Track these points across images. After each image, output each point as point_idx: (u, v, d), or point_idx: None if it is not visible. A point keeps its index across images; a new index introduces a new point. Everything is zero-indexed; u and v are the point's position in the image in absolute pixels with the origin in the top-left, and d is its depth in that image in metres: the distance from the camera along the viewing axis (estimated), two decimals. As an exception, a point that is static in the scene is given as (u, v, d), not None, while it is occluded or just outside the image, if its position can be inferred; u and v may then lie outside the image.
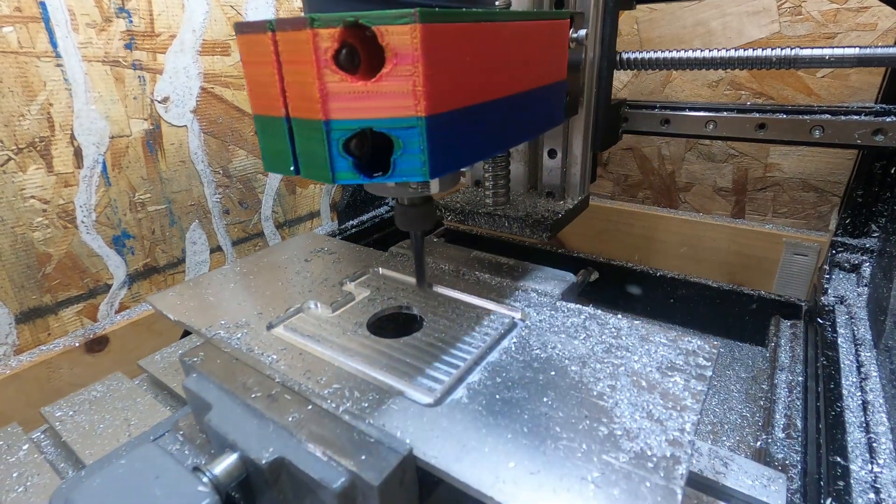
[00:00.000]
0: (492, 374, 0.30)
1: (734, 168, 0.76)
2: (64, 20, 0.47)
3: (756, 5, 0.67)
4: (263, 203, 0.70)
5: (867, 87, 0.64)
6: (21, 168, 0.47)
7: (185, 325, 0.37)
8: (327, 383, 0.29)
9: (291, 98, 0.25)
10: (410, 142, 0.24)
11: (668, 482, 0.22)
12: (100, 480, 0.24)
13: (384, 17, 0.22)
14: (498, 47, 0.28)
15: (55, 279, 0.51)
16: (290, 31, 0.23)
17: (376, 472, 0.23)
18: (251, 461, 0.25)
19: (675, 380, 0.29)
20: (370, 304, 0.38)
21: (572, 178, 0.50)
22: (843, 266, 0.57)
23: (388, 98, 0.23)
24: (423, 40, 0.22)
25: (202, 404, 0.29)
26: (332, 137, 0.24)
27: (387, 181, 0.25)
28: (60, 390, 0.50)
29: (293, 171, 0.26)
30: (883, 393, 0.38)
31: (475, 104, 0.27)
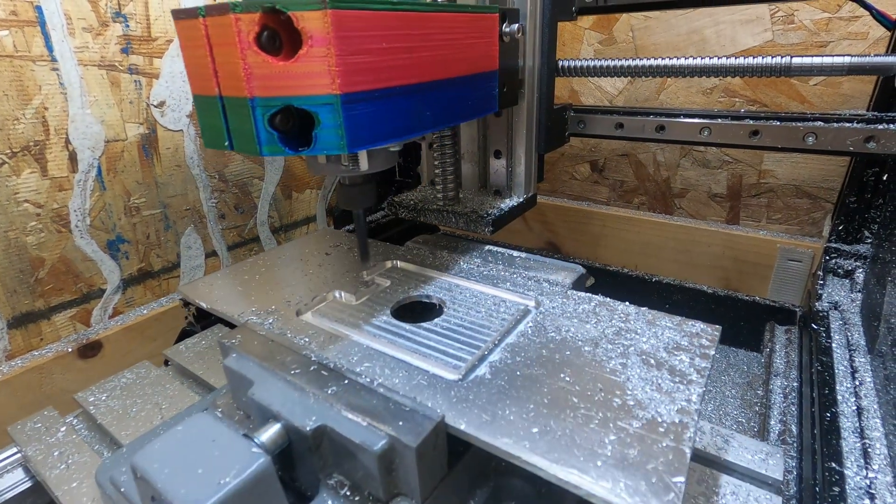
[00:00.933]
0: (511, 354, 0.32)
1: (728, 174, 0.77)
2: (60, 24, 0.47)
3: (749, 14, 0.68)
4: (259, 208, 0.70)
5: (859, 94, 0.64)
6: (15, 172, 0.47)
7: (218, 312, 0.40)
8: (359, 362, 0.32)
9: (222, 78, 0.27)
10: (328, 117, 0.26)
11: (678, 443, 0.25)
12: (160, 444, 0.26)
13: (298, 2, 0.24)
14: (417, 35, 0.30)
15: (48, 284, 0.51)
16: (217, 17, 0.25)
17: (413, 435, 0.25)
18: (295, 429, 0.27)
19: (681, 358, 0.31)
20: (391, 293, 0.41)
21: (517, 178, 0.53)
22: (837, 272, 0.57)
23: (307, 77, 0.25)
24: (334, 24, 0.25)
25: (243, 381, 0.32)
26: (257, 114, 0.26)
27: (309, 154, 0.27)
28: (53, 396, 0.49)
29: (228, 146, 0.28)
30: (877, 398, 0.38)
31: (394, 86, 0.29)
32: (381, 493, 0.27)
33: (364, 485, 0.27)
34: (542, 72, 0.48)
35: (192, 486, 0.23)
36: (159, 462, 0.25)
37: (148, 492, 0.25)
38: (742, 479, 0.33)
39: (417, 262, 0.46)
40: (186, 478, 0.24)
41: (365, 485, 0.27)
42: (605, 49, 0.80)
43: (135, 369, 0.46)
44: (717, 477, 0.33)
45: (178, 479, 0.24)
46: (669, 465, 0.24)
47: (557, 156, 0.91)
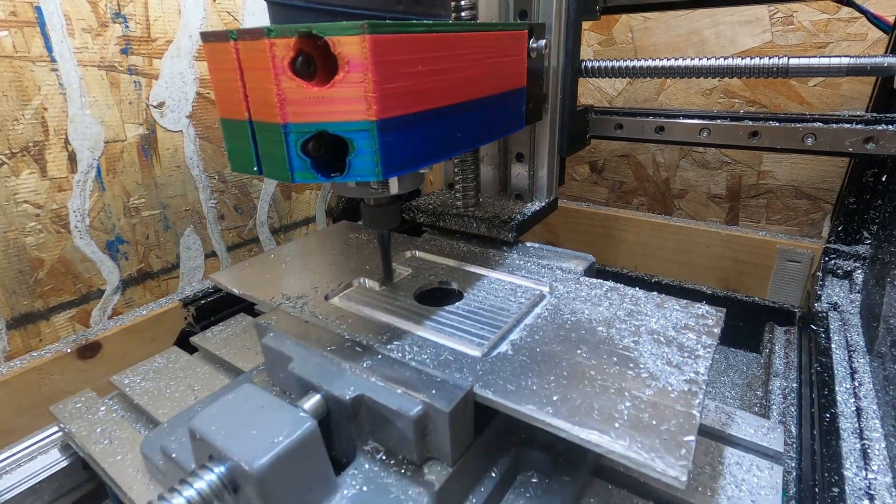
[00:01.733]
0: (530, 333, 0.34)
1: (728, 175, 0.77)
2: (60, 25, 0.47)
3: (749, 15, 0.68)
4: (259, 208, 0.70)
5: (858, 95, 0.64)
6: (14, 172, 0.46)
7: (250, 297, 0.42)
8: (389, 341, 0.34)
9: (253, 103, 0.26)
10: (363, 144, 0.26)
11: (688, 408, 0.27)
12: (215, 409, 0.28)
13: (335, 28, 0.24)
14: (450, 57, 0.30)
15: (47, 284, 0.50)
16: (250, 41, 0.25)
17: (446, 401, 0.28)
18: (335, 398, 0.30)
19: (689, 336, 0.33)
20: (413, 280, 0.43)
21: (539, 181, 0.52)
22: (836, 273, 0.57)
23: (342, 103, 0.25)
24: (373, 50, 0.24)
25: (281, 358, 0.34)
26: (290, 139, 0.26)
27: (342, 181, 0.27)
28: (52, 397, 0.49)
29: (256, 171, 0.28)
30: (876, 399, 0.38)
31: (427, 109, 0.29)
32: (416, 456, 0.29)
33: (398, 450, 0.30)
34: (565, 73, 0.47)
35: (249, 445, 0.25)
36: (216, 424, 0.27)
37: (206, 451, 0.26)
38: (745, 451, 0.36)
39: (435, 252, 0.48)
40: (242, 437, 0.26)
41: (399, 450, 0.30)
42: (605, 50, 0.80)
43: (165, 354, 0.50)
44: (722, 449, 0.35)
45: (235, 439, 0.26)
46: (681, 427, 0.26)
47: (557, 156, 0.91)
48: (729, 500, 0.32)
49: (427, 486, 0.28)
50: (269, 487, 0.25)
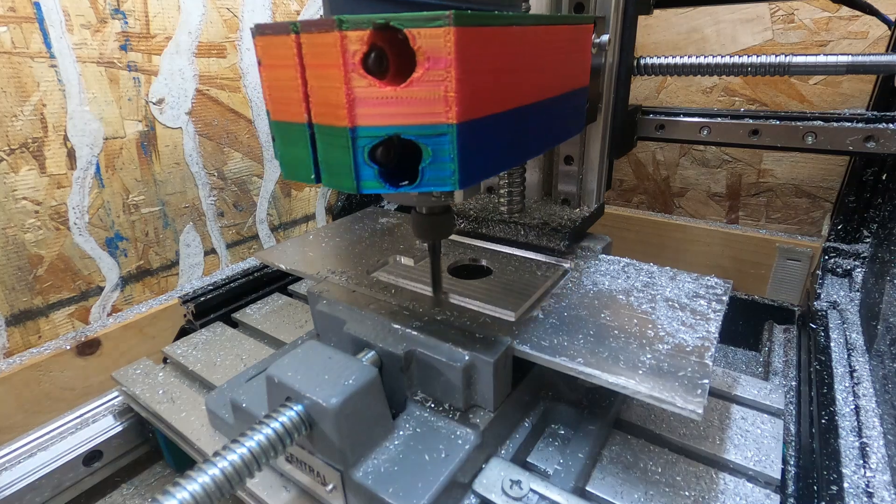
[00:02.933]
0: (557, 301, 0.38)
1: (728, 174, 0.77)
2: (59, 21, 0.47)
3: (749, 13, 0.68)
4: (258, 206, 0.70)
5: (859, 94, 0.64)
6: (13, 169, 0.46)
7: (298, 272, 0.46)
8: (431, 306, 0.37)
9: (315, 104, 0.24)
10: (440, 150, 0.23)
11: (702, 359, 0.31)
12: (289, 359, 0.31)
13: (417, 19, 0.21)
14: (526, 52, 0.27)
15: (47, 281, 0.50)
16: (316, 34, 0.22)
17: (491, 353, 0.31)
18: (388, 353, 0.33)
19: (700, 302, 0.37)
20: (445, 257, 0.46)
21: (588, 185, 0.49)
22: (836, 271, 0.57)
23: (418, 104, 0.22)
24: (458, 44, 0.21)
25: (334, 322, 0.37)
26: (358, 145, 0.23)
27: (413, 191, 0.24)
28: (51, 393, 0.49)
29: (314, 180, 0.25)
30: (875, 397, 0.38)
31: (504, 111, 0.26)
32: (461, 404, 0.33)
33: (445, 398, 0.33)
34: (619, 71, 0.45)
35: (324, 386, 0.29)
36: (291, 371, 0.30)
37: (283, 395, 0.29)
38: (749, 408, 0.39)
39: (461, 233, 0.51)
40: (317, 380, 0.29)
41: (446, 398, 0.33)
42: (605, 48, 0.80)
43: (210, 329, 0.54)
44: (729, 406, 0.39)
45: (311, 382, 0.29)
46: (696, 372, 0.29)
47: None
48: (735, 447, 0.36)
49: (473, 427, 0.32)
50: (342, 423, 0.28)
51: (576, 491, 0.32)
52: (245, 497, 0.34)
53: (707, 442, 0.36)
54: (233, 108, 0.63)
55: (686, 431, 0.37)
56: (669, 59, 0.50)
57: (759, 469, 0.34)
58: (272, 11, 0.65)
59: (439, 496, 0.28)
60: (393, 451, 0.31)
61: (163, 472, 0.50)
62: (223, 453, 0.25)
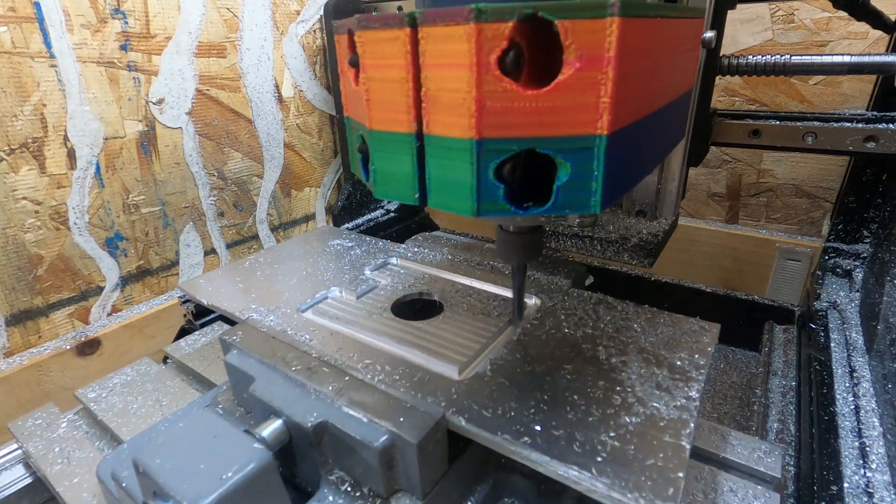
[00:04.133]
0: (511, 351, 0.32)
1: (728, 174, 0.77)
2: (59, 21, 0.47)
3: (750, 13, 0.68)
4: (258, 206, 0.70)
5: (859, 94, 0.64)
6: (13, 169, 0.46)
7: (219, 309, 0.39)
8: (360, 359, 0.32)
9: (429, 111, 0.20)
10: (583, 166, 0.19)
11: (677, 439, 0.25)
12: (164, 439, 0.26)
13: (574, 8, 0.17)
14: (662, 49, 0.23)
15: (47, 281, 0.50)
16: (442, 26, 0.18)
17: (415, 430, 0.26)
18: (296, 425, 0.28)
19: (681, 355, 0.31)
20: (392, 291, 0.41)
21: (668, 196, 0.45)
22: (836, 271, 0.57)
23: (562, 112, 0.19)
24: (620, 39, 0.18)
25: (244, 378, 0.32)
26: (484, 160, 0.19)
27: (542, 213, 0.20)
28: (51, 393, 0.49)
29: (416, 200, 0.21)
30: (875, 398, 0.38)
31: (642, 117, 0.22)
32: (382, 489, 0.27)
33: (365, 481, 0.28)
34: (705, 71, 0.41)
35: (195, 481, 0.23)
36: (161, 457, 0.25)
37: (150, 487, 0.25)
38: (740, 476, 0.33)
39: (417, 260, 0.46)
40: (189, 473, 0.24)
41: (366, 480, 0.28)
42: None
43: (136, 366, 0.46)
44: (716, 474, 0.33)
45: (181, 474, 0.24)
46: (669, 461, 0.24)
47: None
48: None
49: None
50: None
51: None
52: None
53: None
54: (233, 108, 0.63)
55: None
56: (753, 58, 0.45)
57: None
58: (272, 11, 0.65)
59: None
60: None
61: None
62: None
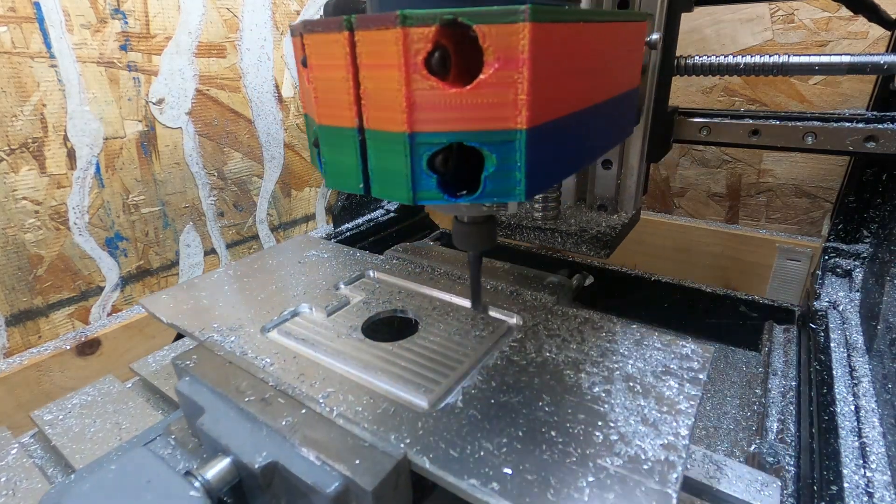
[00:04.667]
0: (487, 379, 0.30)
1: (728, 174, 0.77)
2: (59, 21, 0.47)
3: (749, 13, 0.68)
4: (258, 206, 0.70)
5: (859, 94, 0.64)
6: (13, 169, 0.46)
7: (178, 328, 0.37)
8: (321, 387, 0.29)
9: (368, 107, 0.22)
10: (506, 158, 0.21)
11: (662, 486, 0.23)
12: (90, 485, 0.24)
13: (489, 14, 0.19)
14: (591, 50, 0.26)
15: (47, 281, 0.50)
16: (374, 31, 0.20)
17: (371, 476, 0.23)
18: (244, 465, 0.26)
19: (670, 384, 0.29)
20: (365, 308, 0.38)
21: (627, 191, 0.48)
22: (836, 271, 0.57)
23: (485, 108, 0.21)
24: (532, 42, 0.19)
25: (195, 408, 0.30)
26: (417, 152, 0.21)
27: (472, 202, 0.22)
28: (51, 393, 0.49)
29: (361, 189, 0.23)
30: (875, 397, 0.38)
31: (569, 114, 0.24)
32: None
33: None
34: (661, 71, 0.44)
35: None
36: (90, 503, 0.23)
37: None
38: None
39: (395, 273, 0.43)
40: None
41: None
42: (605, 48, 0.80)
43: (97, 385, 0.44)
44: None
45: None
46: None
47: (557, 154, 0.91)
48: None
49: None
50: None
51: None
52: None
53: None
54: (233, 108, 0.63)
55: None
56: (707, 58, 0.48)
57: None
58: (272, 11, 0.65)
59: None
60: None
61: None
62: None
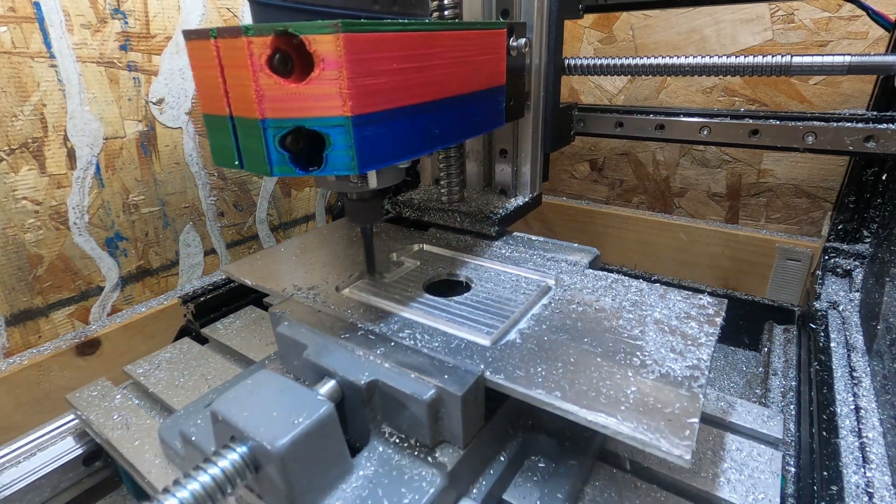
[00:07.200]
0: (538, 323, 0.35)
1: (728, 174, 0.77)
2: (59, 20, 0.47)
3: (749, 13, 0.68)
4: (258, 205, 0.70)
5: (859, 94, 0.64)
6: (13, 169, 0.46)
7: (264, 288, 0.43)
8: (400, 330, 0.35)
9: (233, 99, 0.27)
10: (339, 139, 0.26)
11: (691, 392, 0.28)
12: (236, 393, 0.29)
13: (311, 27, 0.24)
14: (426, 55, 0.30)
15: (47, 281, 0.50)
16: (229, 39, 0.26)
17: (459, 385, 0.29)
18: (349, 384, 0.31)
19: (692, 325, 0.35)
20: (421, 272, 0.44)
21: (522, 177, 0.53)
22: (836, 271, 0.57)
23: (318, 99, 0.26)
24: (346, 48, 0.25)
25: (295, 346, 0.35)
26: (269, 134, 0.26)
27: (320, 174, 0.27)
28: (50, 393, 0.49)
29: (238, 165, 0.29)
30: (875, 397, 0.38)
31: (404, 106, 0.29)
32: (428, 439, 0.30)
33: (411, 433, 0.31)
34: (548, 70, 0.48)
35: (270, 425, 0.26)
36: (237, 407, 0.27)
37: (227, 433, 0.27)
38: (745, 437, 0.37)
39: (442, 245, 0.49)
40: (263, 419, 0.27)
41: (412, 433, 0.30)
42: (605, 48, 0.80)
43: (177, 345, 0.50)
44: (723, 436, 0.37)
45: (257, 420, 0.26)
46: (684, 409, 0.27)
47: (557, 154, 0.91)
48: (730, 483, 0.33)
49: (440, 468, 0.29)
50: (289, 466, 0.26)
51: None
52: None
53: (699, 478, 0.33)
54: (233, 108, 0.63)
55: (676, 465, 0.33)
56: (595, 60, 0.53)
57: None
58: (272, 11, 0.65)
59: (399, 548, 0.25)
60: (350, 496, 0.28)
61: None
62: (161, 498, 0.24)
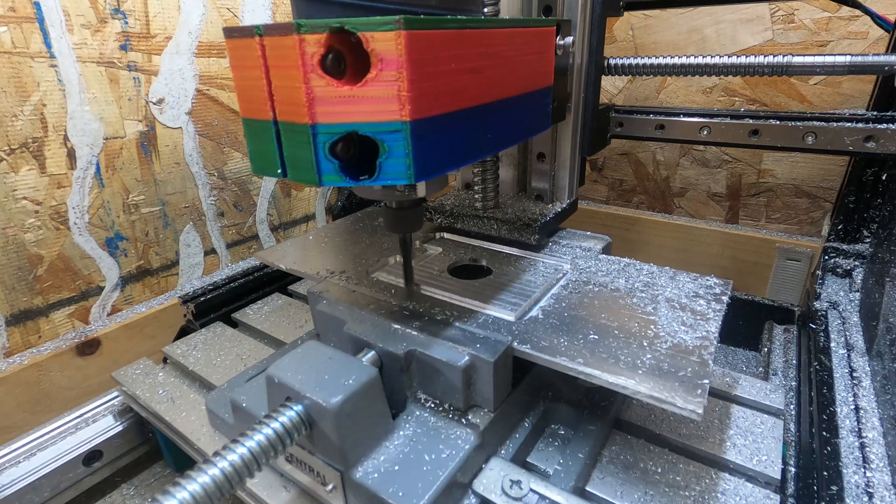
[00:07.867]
0: (557, 301, 0.38)
1: (728, 174, 0.77)
2: (59, 21, 0.47)
3: (750, 13, 0.68)
4: (258, 206, 0.70)
5: (859, 94, 0.64)
6: (13, 169, 0.46)
7: (298, 272, 0.46)
8: (430, 307, 0.37)
9: (279, 102, 0.25)
10: (395, 146, 0.25)
11: (701, 358, 0.31)
12: (289, 359, 0.31)
13: (369, 23, 0.23)
14: (483, 53, 0.29)
15: (47, 281, 0.50)
16: (277, 37, 0.24)
17: (491, 353, 0.32)
18: (389, 353, 0.33)
19: (700, 302, 0.38)
20: (444, 258, 0.46)
21: (560, 182, 0.51)
22: (836, 271, 0.57)
23: (374, 102, 0.24)
24: (408, 46, 0.23)
25: (334, 322, 0.38)
26: (318, 141, 0.25)
27: (372, 184, 0.26)
28: (51, 394, 0.49)
29: (280, 174, 0.27)
30: (875, 398, 0.38)
31: (460, 109, 0.28)
32: (461, 404, 0.33)
33: (445, 398, 0.34)
34: (589, 71, 0.46)
35: (324, 386, 0.29)
36: (291, 371, 0.30)
37: (283, 394, 0.30)
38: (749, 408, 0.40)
39: (462, 233, 0.51)
40: (317, 380, 0.29)
41: (446, 398, 0.34)
42: (605, 47, 0.80)
43: (210, 328, 0.54)
44: (729, 407, 0.40)
45: (311, 382, 0.29)
46: (696, 372, 0.29)
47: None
48: (735, 447, 0.36)
49: (473, 427, 0.32)
50: (342, 422, 0.28)
51: (576, 491, 0.32)
52: (245, 497, 0.35)
53: (707, 442, 0.36)
54: (233, 108, 0.63)
55: (686, 431, 0.37)
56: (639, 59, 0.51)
57: (760, 469, 0.34)
58: (272, 11, 0.65)
59: (439, 496, 0.28)
60: (393, 451, 0.31)
61: (163, 472, 0.50)
62: (223, 453, 0.25)
